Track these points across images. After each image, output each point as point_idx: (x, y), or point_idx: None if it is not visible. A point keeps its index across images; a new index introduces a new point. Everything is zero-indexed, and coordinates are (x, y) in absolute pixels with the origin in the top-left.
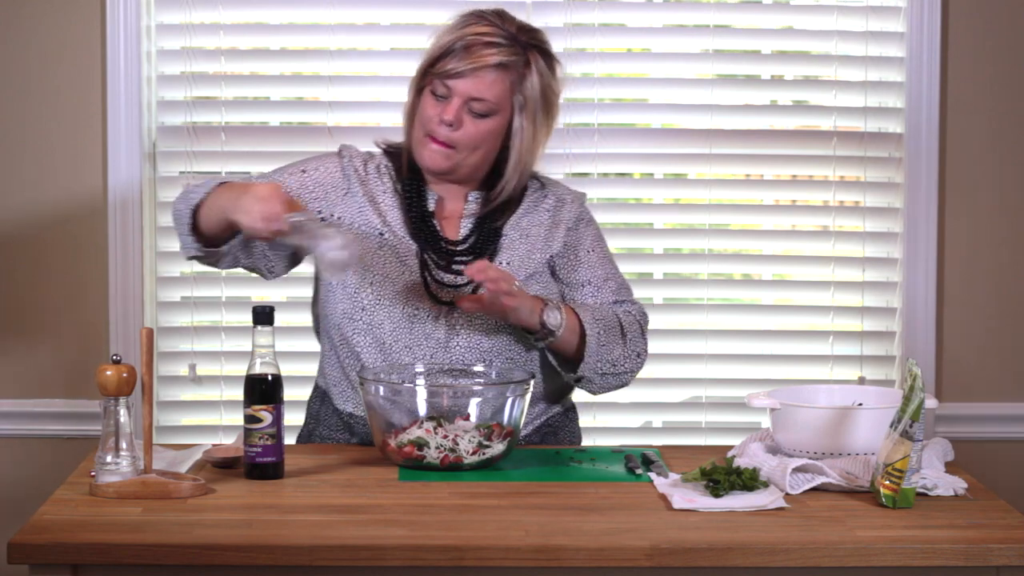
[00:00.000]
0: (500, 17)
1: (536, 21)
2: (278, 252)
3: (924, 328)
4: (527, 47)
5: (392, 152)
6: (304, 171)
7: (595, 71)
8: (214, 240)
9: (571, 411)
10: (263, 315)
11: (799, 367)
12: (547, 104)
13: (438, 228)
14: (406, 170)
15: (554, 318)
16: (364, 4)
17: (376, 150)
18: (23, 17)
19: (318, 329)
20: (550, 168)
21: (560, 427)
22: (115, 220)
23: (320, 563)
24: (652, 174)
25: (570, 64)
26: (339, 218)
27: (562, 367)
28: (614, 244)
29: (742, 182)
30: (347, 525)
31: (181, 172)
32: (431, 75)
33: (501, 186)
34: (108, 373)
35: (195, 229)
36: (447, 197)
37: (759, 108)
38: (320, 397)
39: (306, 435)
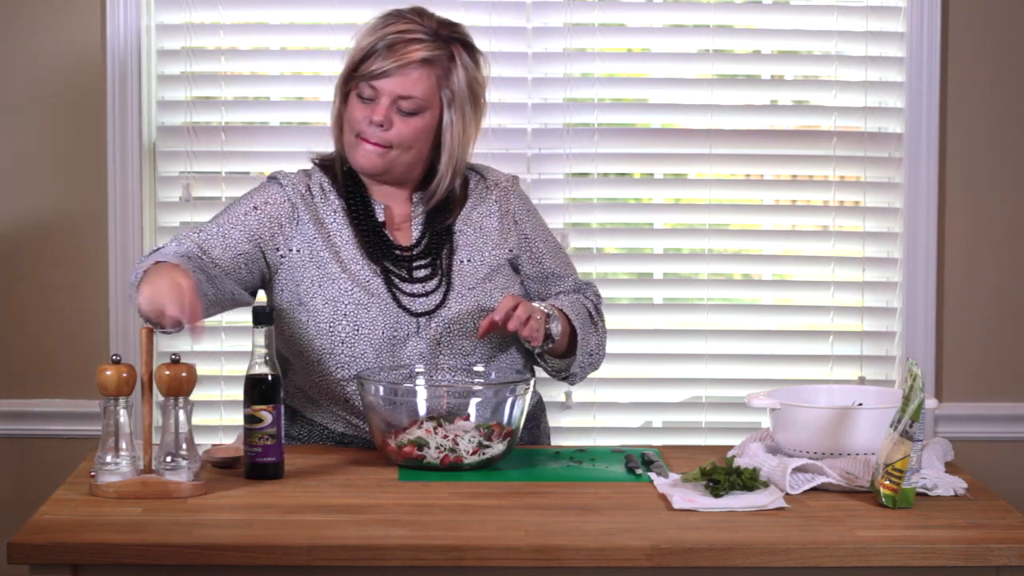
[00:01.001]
0: (419, 14)
1: (536, 21)
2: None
3: (924, 328)
4: (449, 41)
5: (327, 166)
6: (255, 207)
7: (595, 71)
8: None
9: (540, 402)
10: (263, 315)
11: (799, 367)
12: (474, 97)
13: (391, 238)
14: (341, 179)
15: (556, 328)
16: (364, 4)
17: (308, 165)
18: (23, 17)
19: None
20: (550, 168)
21: (539, 418)
22: (115, 220)
23: (320, 563)
24: (652, 174)
25: (570, 64)
26: (297, 251)
27: (549, 366)
28: (614, 244)
29: (742, 182)
30: (347, 525)
31: (181, 172)
32: (356, 78)
33: (436, 182)
34: (108, 373)
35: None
36: (392, 204)
37: (759, 108)
38: (296, 420)
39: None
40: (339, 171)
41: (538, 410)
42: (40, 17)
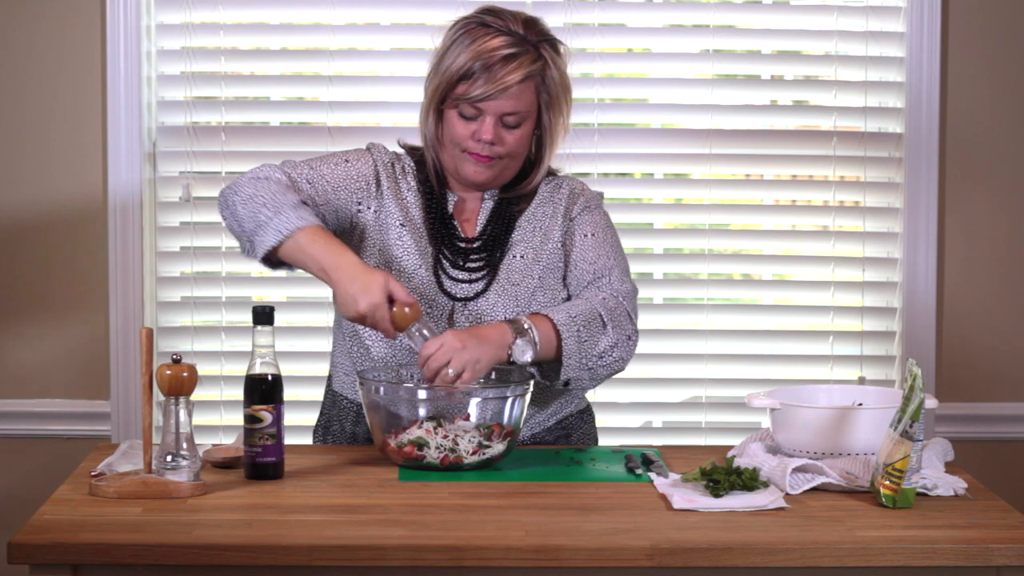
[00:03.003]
0: (498, 16)
1: None
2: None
3: (924, 328)
4: (538, 44)
5: (415, 153)
6: (347, 161)
7: (595, 71)
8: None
9: (586, 412)
10: (263, 315)
11: (799, 367)
12: (566, 90)
13: (458, 228)
14: (432, 170)
15: (522, 354)
16: (364, 4)
17: (400, 150)
18: (23, 17)
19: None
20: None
21: (574, 428)
22: (115, 220)
23: (320, 563)
24: (652, 174)
25: (570, 64)
26: (373, 212)
27: (543, 376)
28: None
29: (742, 182)
30: (347, 525)
31: (181, 172)
32: (454, 99)
33: (531, 177)
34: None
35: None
36: (467, 198)
37: (759, 108)
38: (333, 391)
39: (323, 426)
40: (430, 166)
41: (589, 413)
42: (40, 17)
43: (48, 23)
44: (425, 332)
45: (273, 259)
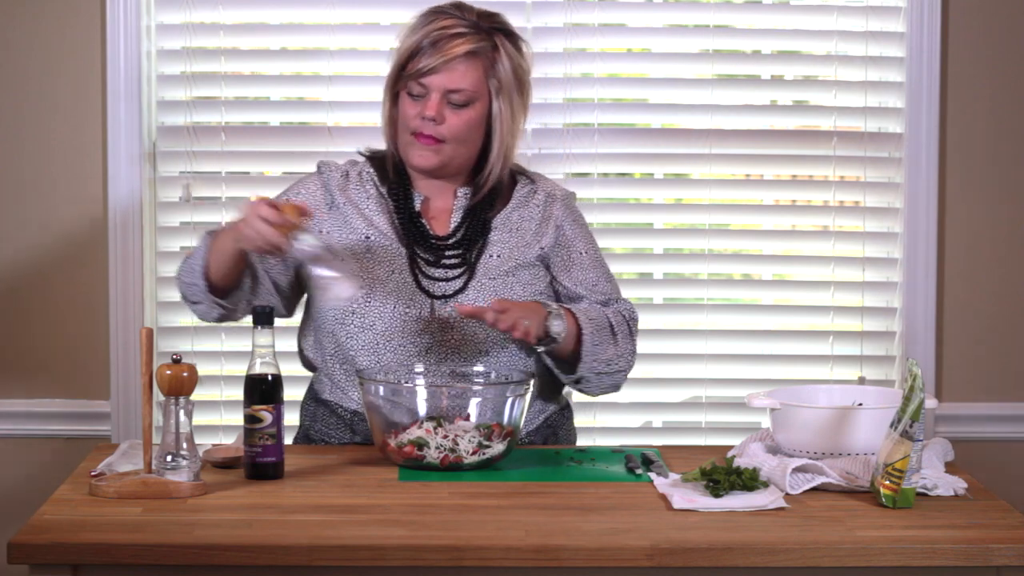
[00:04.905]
0: (459, 8)
1: (536, 21)
2: (281, 279)
3: (924, 328)
4: (491, 31)
5: (375, 159)
6: (288, 199)
7: (595, 71)
8: (228, 290)
9: (566, 409)
10: (263, 315)
11: (799, 367)
12: (520, 84)
13: (427, 226)
14: (392, 174)
15: (557, 326)
16: (364, 4)
17: (359, 158)
18: (23, 17)
19: (304, 358)
20: (550, 168)
21: (559, 426)
22: (115, 220)
23: (320, 563)
24: (652, 174)
25: (570, 64)
26: (327, 232)
27: (559, 368)
28: (614, 244)
29: (742, 182)
30: (347, 525)
31: (181, 172)
32: (404, 78)
33: (488, 171)
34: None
35: (211, 289)
36: (434, 196)
37: (759, 108)
38: (315, 398)
39: (302, 436)
40: (390, 167)
41: (568, 410)
42: (40, 17)
43: (48, 23)
44: (315, 247)
45: (219, 289)
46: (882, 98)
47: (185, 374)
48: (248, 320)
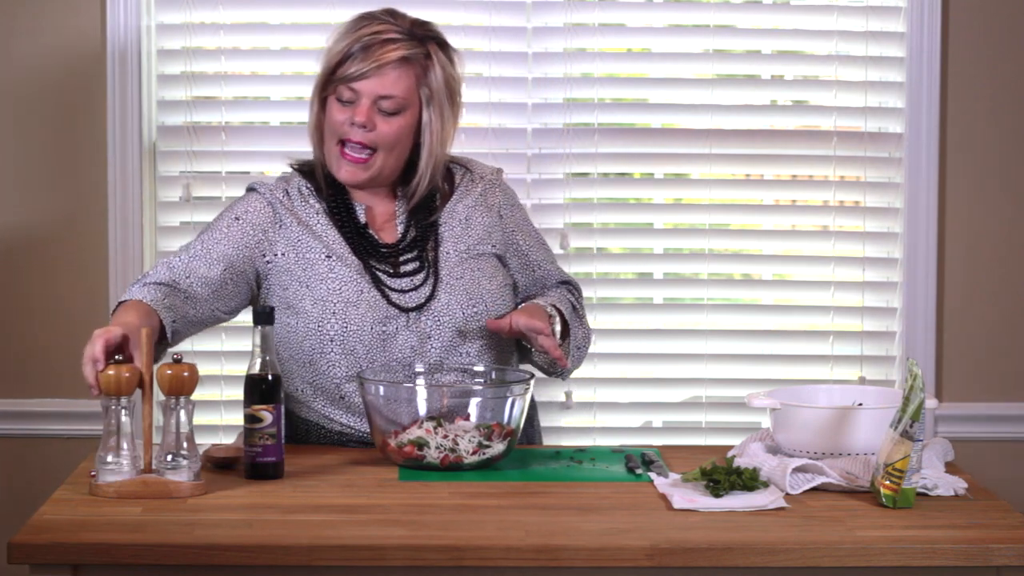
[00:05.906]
0: (392, 15)
1: (536, 21)
2: (222, 299)
3: (924, 328)
4: (424, 39)
5: (306, 171)
6: (237, 217)
7: (595, 71)
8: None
9: (532, 400)
10: (263, 315)
11: (799, 367)
12: (451, 94)
13: (376, 237)
14: (324, 186)
15: (558, 329)
16: (364, 4)
17: (288, 170)
18: (23, 17)
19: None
20: (550, 168)
21: (531, 417)
22: (115, 220)
23: (320, 563)
24: (652, 174)
25: (570, 64)
26: (282, 255)
27: (543, 360)
28: (614, 244)
29: (742, 182)
30: (347, 525)
31: (181, 172)
32: (334, 82)
33: (416, 181)
34: (109, 373)
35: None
36: (374, 204)
37: (759, 108)
38: (304, 420)
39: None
40: (320, 176)
41: (531, 410)
42: (40, 17)
43: (48, 23)
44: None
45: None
46: (882, 98)
47: (185, 374)
48: (248, 320)
